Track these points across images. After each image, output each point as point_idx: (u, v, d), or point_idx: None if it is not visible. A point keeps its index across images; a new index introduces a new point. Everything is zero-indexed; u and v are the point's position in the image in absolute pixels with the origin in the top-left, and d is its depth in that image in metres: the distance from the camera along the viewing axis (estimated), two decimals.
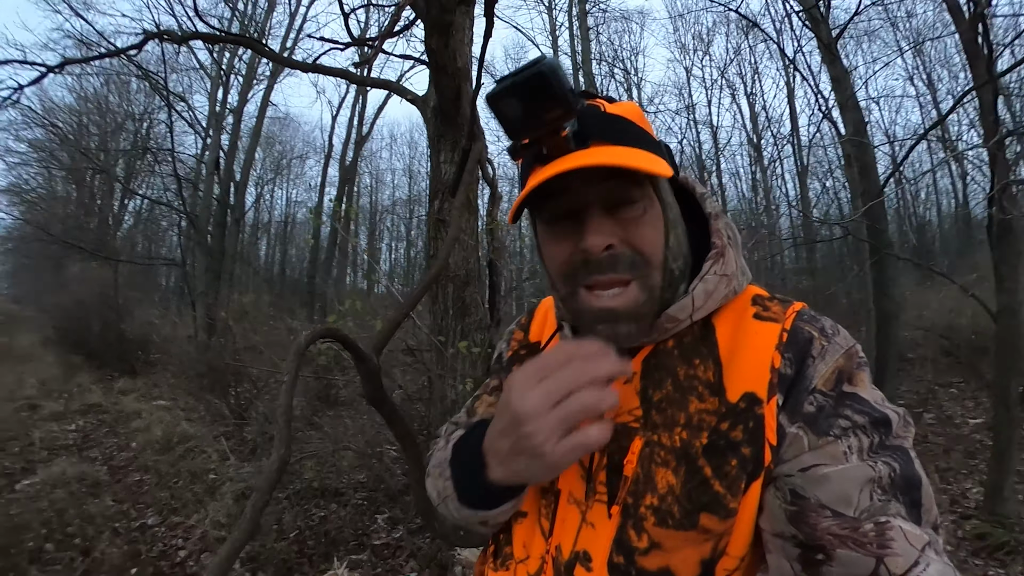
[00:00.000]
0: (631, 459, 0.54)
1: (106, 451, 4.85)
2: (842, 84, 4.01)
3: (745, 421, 0.51)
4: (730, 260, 0.58)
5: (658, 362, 0.57)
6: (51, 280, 11.70)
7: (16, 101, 4.67)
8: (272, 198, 23.48)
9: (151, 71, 7.43)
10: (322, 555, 2.97)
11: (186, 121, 9.83)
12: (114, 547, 3.07)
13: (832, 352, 0.52)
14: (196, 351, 6.98)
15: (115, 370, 7.74)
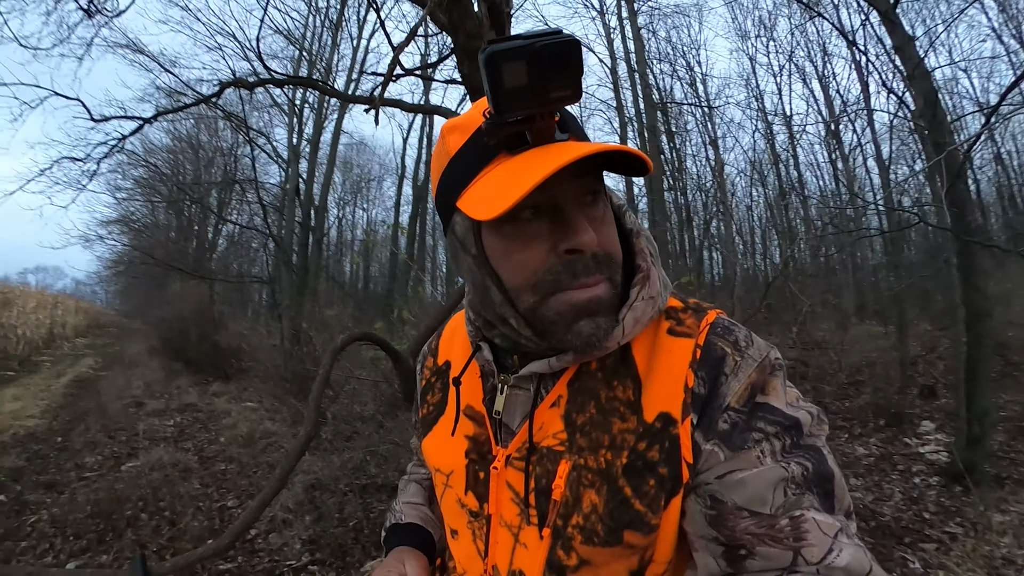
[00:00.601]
0: (559, 483, 0.53)
1: (198, 443, 5.32)
2: (907, 52, 3.64)
3: (661, 441, 0.51)
4: (654, 280, 0.56)
5: (581, 385, 0.56)
6: (155, 297, 12.69)
7: (122, 148, 5.40)
8: (353, 217, 24.62)
9: (233, 112, 8.16)
10: (375, 544, 3.12)
11: (267, 154, 10.48)
12: (196, 521, 3.46)
13: (745, 368, 0.52)
14: (281, 359, 7.37)
15: (210, 375, 8.30)
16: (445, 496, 0.64)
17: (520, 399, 0.59)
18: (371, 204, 25.09)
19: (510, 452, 0.57)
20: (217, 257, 14.05)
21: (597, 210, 0.52)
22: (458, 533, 0.62)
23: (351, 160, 21.85)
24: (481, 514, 0.59)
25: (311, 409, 1.95)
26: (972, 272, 4.27)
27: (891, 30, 3.69)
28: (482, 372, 0.62)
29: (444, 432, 0.65)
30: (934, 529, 3.19)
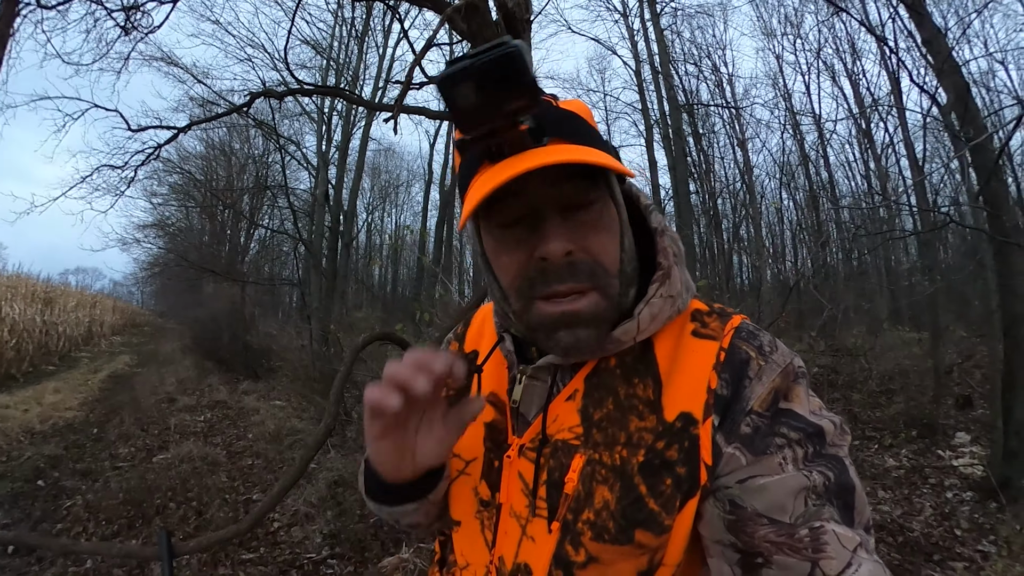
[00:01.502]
0: (572, 477, 0.53)
1: (226, 439, 5.51)
2: (936, 45, 3.50)
3: (680, 441, 0.51)
4: (675, 280, 0.56)
5: (600, 381, 0.56)
6: (189, 298, 13.21)
7: (157, 156, 5.66)
8: (382, 222, 24.98)
9: (264, 120, 8.33)
10: (393, 540, 3.18)
11: (297, 161, 10.70)
12: (221, 512, 3.61)
13: (769, 372, 0.52)
14: (309, 359, 7.39)
15: (240, 374, 8.50)
16: (458, 483, 0.63)
17: (537, 390, 0.59)
18: (399, 209, 25.43)
19: (524, 442, 0.58)
20: (249, 260, 14.28)
21: (586, 215, 0.52)
22: (462, 524, 0.62)
23: (379, 166, 22.14)
24: (492, 503, 0.59)
25: (332, 402, 2.05)
26: (1009, 275, 4.04)
27: (919, 23, 3.55)
28: (507, 363, 0.64)
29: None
30: (965, 547, 3.08)
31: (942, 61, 3.51)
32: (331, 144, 11.53)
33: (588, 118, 0.55)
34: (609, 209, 0.53)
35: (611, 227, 0.53)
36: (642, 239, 0.59)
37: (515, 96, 0.44)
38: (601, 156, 0.48)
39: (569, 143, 0.50)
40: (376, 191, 23.00)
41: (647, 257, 0.58)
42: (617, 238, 0.54)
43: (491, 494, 0.59)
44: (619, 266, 0.54)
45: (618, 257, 0.54)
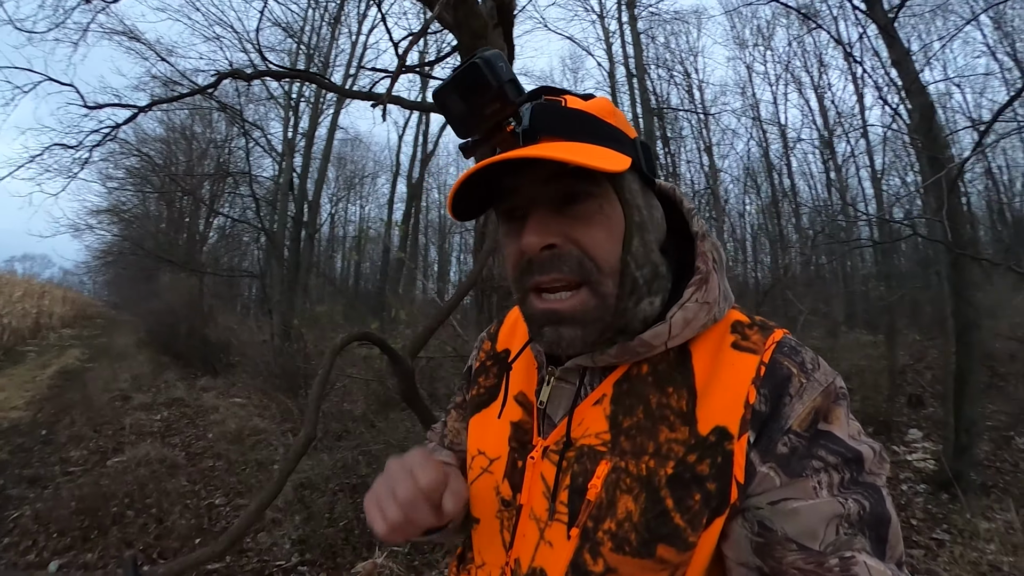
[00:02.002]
0: (595, 483, 0.52)
1: (185, 439, 5.25)
2: (904, 67, 3.70)
3: (713, 455, 0.49)
4: (713, 286, 0.54)
5: (630, 387, 0.55)
6: (145, 289, 12.63)
7: (114, 137, 5.33)
8: (346, 213, 24.46)
9: (229, 104, 8.03)
10: (365, 544, 3.10)
11: (262, 147, 10.44)
12: (183, 519, 3.41)
13: (810, 391, 0.50)
14: (270, 355, 7.32)
15: (198, 369, 8.19)
16: (480, 481, 0.63)
17: (565, 392, 0.58)
18: (364, 201, 25.01)
19: (548, 444, 0.57)
20: (208, 250, 13.88)
21: (578, 210, 0.51)
22: (481, 522, 0.61)
23: (345, 156, 21.69)
24: (513, 504, 0.58)
25: (311, 410, 1.91)
26: (963, 284, 4.31)
27: (890, 44, 3.73)
28: (537, 363, 0.64)
29: (492, 415, 0.66)
30: (921, 536, 3.23)
31: (910, 82, 3.69)
32: (297, 131, 11.29)
33: (605, 115, 0.53)
34: (610, 206, 0.52)
35: (608, 224, 0.52)
36: (684, 244, 0.59)
37: (488, 101, 0.48)
38: (578, 152, 0.48)
39: (565, 141, 0.50)
40: (341, 181, 22.55)
41: (688, 263, 0.57)
42: (617, 237, 0.52)
43: (513, 494, 0.58)
44: (618, 265, 0.52)
45: (618, 258, 0.52)
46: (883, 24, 3.51)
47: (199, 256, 12.28)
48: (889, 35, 3.57)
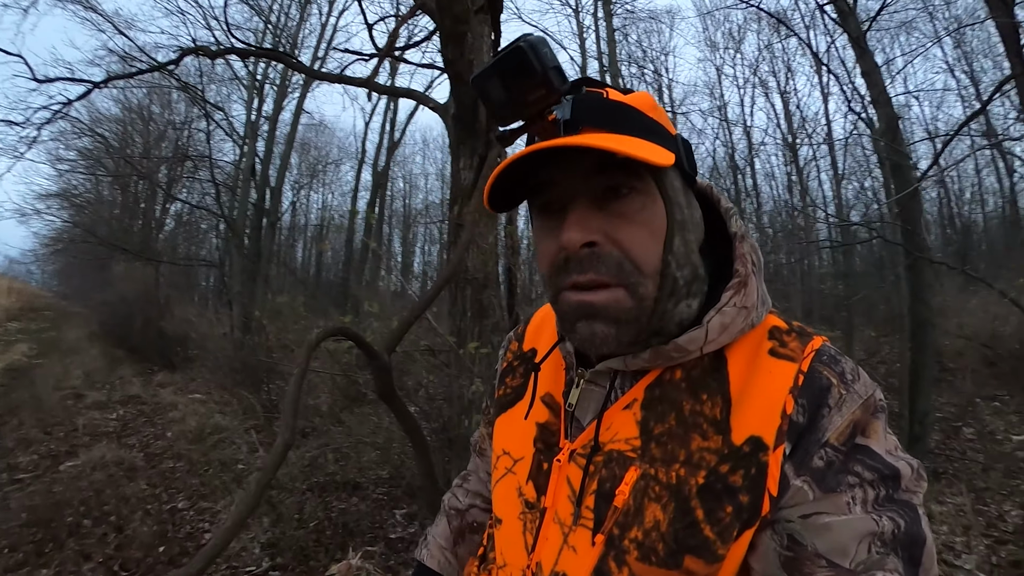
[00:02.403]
0: (623, 490, 0.51)
1: (143, 439, 5.03)
2: (872, 78, 3.88)
3: (747, 466, 0.48)
4: (752, 290, 0.53)
5: (663, 393, 0.53)
6: (97, 279, 12.20)
7: (66, 115, 4.99)
8: (308, 202, 23.95)
9: (190, 83, 7.65)
10: (338, 545, 3.03)
11: (223, 130, 10.10)
12: (145, 526, 3.22)
13: (850, 403, 0.48)
14: (231, 348, 7.15)
15: (155, 364, 7.94)
16: (504, 481, 0.62)
17: (594, 395, 0.57)
18: (327, 189, 24.48)
19: (575, 447, 0.56)
20: (164, 238, 13.46)
21: (620, 206, 0.49)
22: (503, 522, 0.61)
23: (310, 141, 21.19)
24: (536, 506, 0.57)
25: (288, 413, 1.80)
26: (919, 286, 4.59)
27: (860, 55, 3.88)
28: (565, 364, 0.62)
29: (519, 416, 0.65)
30: None
31: (877, 93, 3.87)
32: (261, 114, 10.97)
33: (647, 109, 0.52)
34: (653, 204, 0.51)
35: (651, 223, 0.50)
36: (721, 245, 0.57)
37: (531, 87, 0.46)
38: (625, 143, 0.46)
39: (607, 132, 0.48)
40: (304, 168, 21.96)
41: (724, 264, 0.56)
42: (659, 236, 0.51)
43: (537, 496, 0.57)
44: (658, 266, 0.50)
45: (659, 258, 0.50)
46: (855, 36, 3.64)
47: (155, 244, 11.85)
48: (860, 47, 3.70)
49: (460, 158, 3.18)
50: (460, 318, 3.09)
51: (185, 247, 13.90)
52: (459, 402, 3.04)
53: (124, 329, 8.63)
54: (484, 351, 2.93)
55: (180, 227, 14.37)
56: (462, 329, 3.07)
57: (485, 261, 3.09)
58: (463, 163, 3.16)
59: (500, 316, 3.12)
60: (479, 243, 3.02)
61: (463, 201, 3.08)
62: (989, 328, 6.50)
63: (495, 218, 3.27)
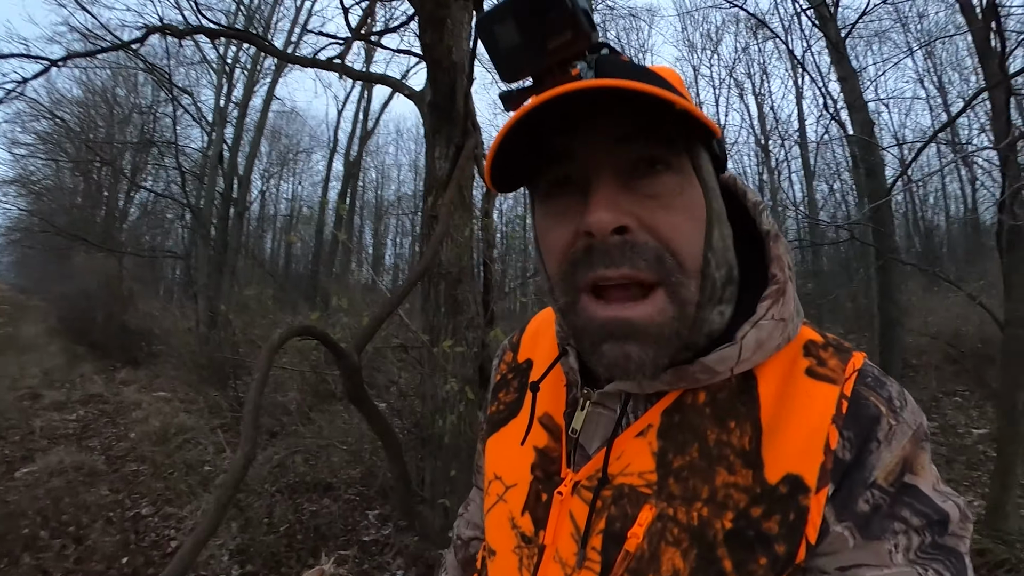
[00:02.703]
0: (636, 531, 0.44)
1: (105, 441, 4.86)
2: (850, 83, 3.96)
3: (784, 511, 0.41)
4: (789, 299, 0.45)
5: (684, 420, 0.46)
6: (56, 271, 11.79)
7: (21, 94, 4.71)
8: (278, 192, 23.58)
9: (156, 65, 7.36)
10: (310, 550, 2.97)
11: (191, 115, 9.83)
12: (107, 536, 3.10)
13: (900, 436, 0.42)
14: (197, 344, 6.98)
15: (117, 361, 7.69)
16: (497, 509, 0.55)
17: (602, 420, 0.50)
18: (298, 178, 24.07)
19: (580, 479, 0.49)
20: (128, 228, 13.10)
21: (654, 185, 0.41)
22: (497, 555, 0.54)
23: (280, 129, 20.83)
24: (534, 541, 0.50)
25: (248, 423, 1.68)
26: (888, 286, 4.76)
27: (838, 61, 3.95)
28: (567, 380, 0.54)
29: (513, 437, 0.57)
30: None
31: (853, 98, 3.94)
32: (231, 100, 10.63)
33: (676, 83, 0.45)
34: (691, 187, 0.42)
35: (691, 209, 0.42)
36: (742, 247, 0.49)
37: (556, 29, 0.38)
38: (666, 95, 0.36)
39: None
40: (274, 156, 21.55)
41: (751, 269, 0.48)
42: (700, 226, 0.42)
43: (535, 531, 0.50)
44: (700, 263, 0.42)
45: (700, 248, 0.42)
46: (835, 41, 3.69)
47: (118, 234, 11.56)
48: (839, 52, 3.76)
49: (435, 147, 3.10)
50: (433, 314, 3.02)
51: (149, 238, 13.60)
52: (432, 401, 2.98)
53: (85, 324, 8.32)
54: (460, 349, 2.87)
55: (144, 217, 14.01)
56: (435, 326, 3.00)
57: (460, 255, 3.02)
58: (438, 152, 3.08)
59: (475, 312, 3.06)
60: (454, 236, 2.95)
61: (438, 192, 3.00)
62: (952, 327, 6.71)
63: (470, 210, 3.21)
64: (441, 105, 2.95)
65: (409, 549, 2.97)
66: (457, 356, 2.88)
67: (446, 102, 2.90)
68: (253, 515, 3.21)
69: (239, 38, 3.36)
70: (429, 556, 2.86)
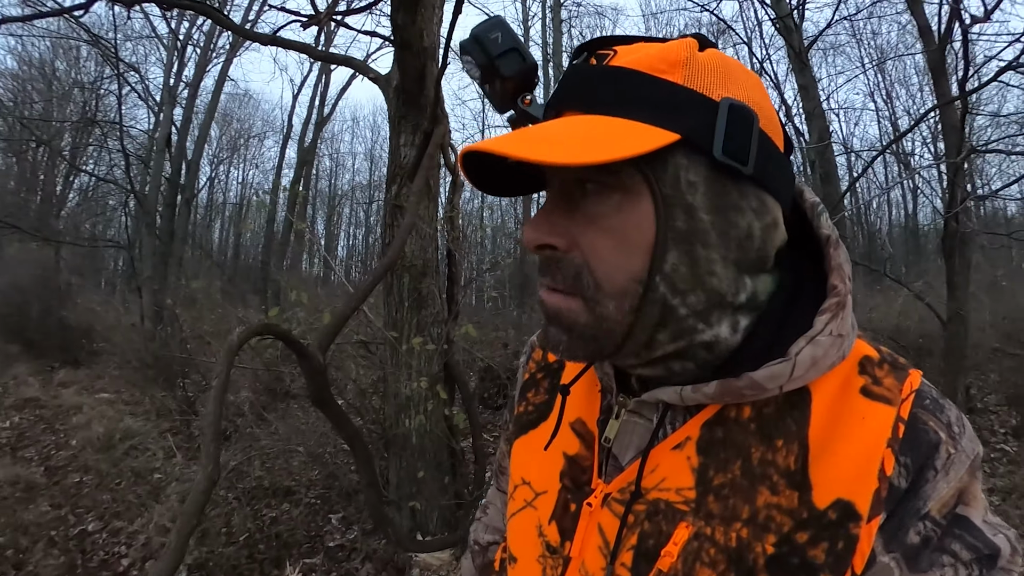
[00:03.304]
0: (671, 550, 0.42)
1: (43, 450, 4.60)
2: (809, 92, 4.16)
3: (832, 539, 0.39)
4: (848, 312, 0.42)
5: (727, 436, 0.44)
6: None
7: None
8: (227, 178, 22.97)
9: (101, 37, 6.94)
10: (273, 560, 2.88)
11: (138, 93, 9.43)
12: (50, 558, 2.93)
13: (958, 465, 0.40)
14: (141, 341, 6.70)
15: (55, 361, 7.37)
16: (523, 516, 0.54)
17: (638, 430, 0.48)
18: (248, 164, 23.40)
19: (611, 491, 0.47)
20: (66, 215, 12.47)
21: (590, 205, 0.40)
22: (519, 562, 0.53)
23: (232, 113, 20.26)
24: (560, 552, 0.49)
25: (209, 438, 1.56)
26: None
27: (800, 69, 4.11)
28: (601, 386, 0.52)
29: (541, 439, 0.55)
30: None
31: (812, 106, 4.12)
32: (181, 79, 10.33)
33: (665, 69, 0.40)
34: (634, 206, 0.39)
35: (623, 231, 0.40)
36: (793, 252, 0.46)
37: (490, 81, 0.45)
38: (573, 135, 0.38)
39: (584, 114, 0.41)
40: (225, 141, 20.89)
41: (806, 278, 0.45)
42: (635, 249, 0.40)
43: (561, 541, 0.49)
44: (635, 288, 0.40)
45: (631, 276, 0.40)
46: (798, 51, 3.82)
47: (55, 222, 10.96)
48: (801, 62, 3.90)
49: (401, 134, 3.02)
50: (396, 308, 2.97)
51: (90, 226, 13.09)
52: (396, 399, 2.93)
53: (18, 320, 7.90)
54: (430, 347, 2.82)
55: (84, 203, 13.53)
56: (398, 321, 2.95)
57: (424, 247, 2.97)
58: (404, 140, 3.00)
59: (439, 306, 3.01)
60: (419, 227, 2.89)
61: (403, 181, 2.92)
62: (894, 323, 7.12)
63: (435, 201, 3.16)
64: (409, 90, 2.87)
65: (378, 553, 2.93)
66: (424, 353, 2.83)
67: (414, 87, 2.83)
68: (210, 526, 3.06)
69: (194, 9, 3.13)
70: (399, 560, 2.82)
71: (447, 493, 2.98)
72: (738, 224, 0.41)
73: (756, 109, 0.40)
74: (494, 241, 14.17)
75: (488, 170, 0.45)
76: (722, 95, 0.39)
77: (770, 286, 0.45)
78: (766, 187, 0.41)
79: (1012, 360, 5.44)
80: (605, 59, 0.42)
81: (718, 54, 0.42)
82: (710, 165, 0.39)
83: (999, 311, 6.75)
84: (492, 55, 0.43)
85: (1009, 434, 4.47)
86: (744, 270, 0.42)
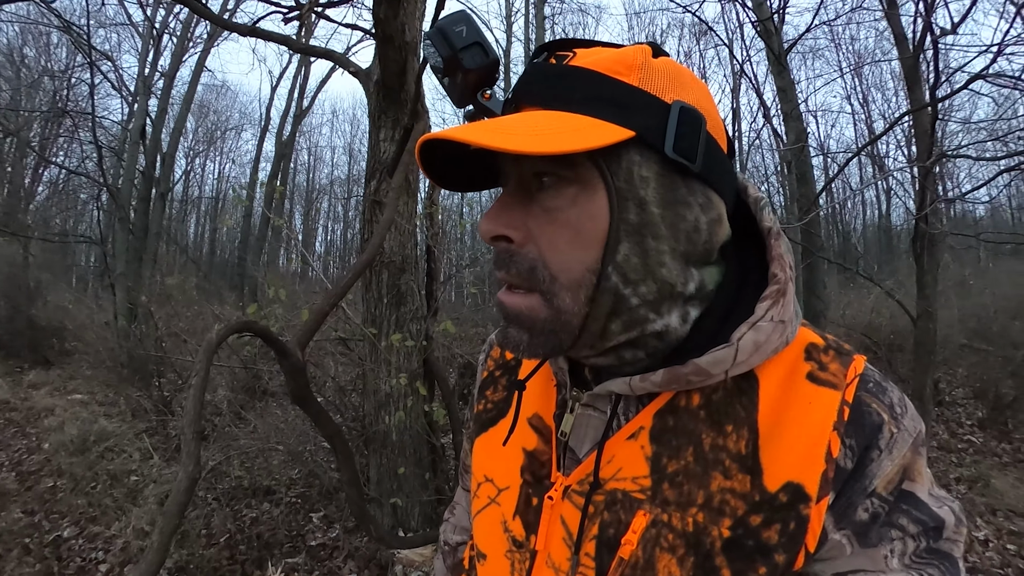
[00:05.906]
0: (631, 538, 0.44)
1: (14, 454, 4.45)
2: (788, 95, 4.24)
3: (784, 520, 0.41)
4: (790, 300, 0.44)
5: (679, 424, 0.45)
6: None
7: None
8: (203, 172, 22.46)
9: (73, 23, 6.69)
10: (255, 560, 2.84)
11: (111, 83, 9.07)
12: (25, 566, 2.83)
13: (901, 444, 0.42)
14: (115, 339, 6.51)
15: (25, 361, 7.21)
16: (488, 512, 0.55)
17: (592, 423, 0.49)
18: (225, 157, 22.92)
19: (571, 484, 0.48)
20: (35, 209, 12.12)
21: (546, 198, 0.42)
22: (487, 559, 0.54)
23: (208, 104, 19.81)
24: (526, 546, 0.50)
25: (189, 437, 1.54)
26: (814, 282, 5.24)
27: (779, 72, 4.19)
28: (556, 380, 0.54)
29: (500, 438, 0.56)
30: None
31: (791, 108, 4.20)
32: (156, 69, 9.99)
33: (621, 71, 0.41)
34: (588, 200, 0.41)
35: (578, 223, 0.41)
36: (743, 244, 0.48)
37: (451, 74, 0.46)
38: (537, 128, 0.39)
39: (541, 109, 0.42)
40: (201, 133, 20.39)
41: (751, 268, 0.47)
42: (590, 241, 0.41)
43: (526, 535, 0.50)
44: (586, 279, 0.42)
45: (585, 268, 0.41)
46: (778, 54, 3.89)
47: (23, 216, 10.55)
48: (781, 65, 3.96)
49: (380, 129, 2.98)
50: (375, 305, 2.94)
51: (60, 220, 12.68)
52: (376, 396, 2.91)
53: None
54: (409, 343, 2.81)
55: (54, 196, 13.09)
56: (378, 317, 2.92)
57: (403, 243, 2.95)
58: (383, 135, 2.97)
59: (418, 302, 2.99)
60: (398, 222, 2.87)
61: (383, 176, 2.89)
62: (866, 319, 7.30)
63: (414, 196, 3.13)
64: (389, 85, 2.84)
65: (360, 551, 2.92)
66: (403, 349, 2.82)
67: (395, 81, 2.80)
68: (190, 528, 3.01)
69: None
70: (381, 556, 2.81)
71: (428, 489, 2.97)
72: (686, 218, 0.42)
73: (704, 113, 0.42)
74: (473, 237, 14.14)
75: (447, 163, 0.46)
76: (674, 98, 0.41)
77: (716, 277, 0.46)
78: (712, 184, 0.43)
79: (978, 356, 5.62)
80: (564, 59, 0.43)
81: (671, 61, 0.44)
82: (661, 162, 0.41)
83: (967, 309, 6.95)
84: (456, 48, 0.43)
85: (975, 426, 4.62)
86: (692, 262, 0.44)
